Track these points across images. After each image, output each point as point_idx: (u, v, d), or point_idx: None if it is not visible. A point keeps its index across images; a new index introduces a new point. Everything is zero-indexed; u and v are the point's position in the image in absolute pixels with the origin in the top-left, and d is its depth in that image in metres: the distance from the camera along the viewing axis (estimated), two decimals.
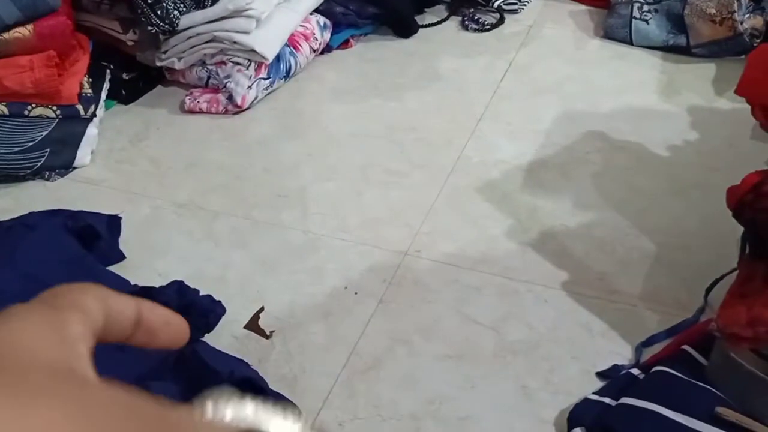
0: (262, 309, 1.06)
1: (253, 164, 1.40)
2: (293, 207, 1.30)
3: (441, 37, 1.80)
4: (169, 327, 0.25)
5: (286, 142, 1.47)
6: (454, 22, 1.88)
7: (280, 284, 1.12)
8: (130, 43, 1.45)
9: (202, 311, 0.98)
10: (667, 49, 1.68)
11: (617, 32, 1.73)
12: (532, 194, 1.31)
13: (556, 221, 1.24)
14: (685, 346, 0.93)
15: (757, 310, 0.84)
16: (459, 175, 1.37)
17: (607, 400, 0.87)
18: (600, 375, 0.94)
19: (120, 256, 1.13)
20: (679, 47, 1.67)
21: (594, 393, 0.89)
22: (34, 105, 1.31)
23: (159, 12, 1.37)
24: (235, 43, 1.42)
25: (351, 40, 1.75)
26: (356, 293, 1.10)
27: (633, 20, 1.71)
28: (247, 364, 0.93)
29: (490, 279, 1.13)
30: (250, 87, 1.46)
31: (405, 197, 1.31)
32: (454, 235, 1.22)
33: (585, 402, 0.87)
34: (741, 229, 0.94)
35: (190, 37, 1.43)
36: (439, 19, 1.86)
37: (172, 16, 1.39)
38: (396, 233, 1.22)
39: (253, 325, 1.04)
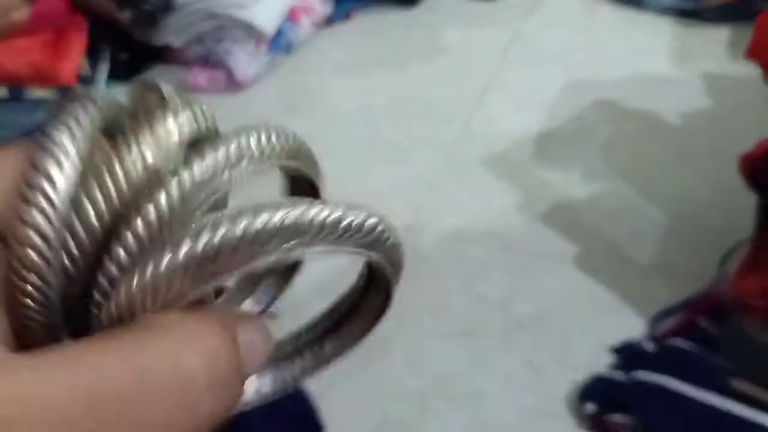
0: None
1: None
2: None
3: (445, 7, 1.75)
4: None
5: (289, 118, 1.45)
6: None
7: None
8: (126, 22, 1.42)
9: None
10: (678, 13, 1.63)
11: None
12: (539, 166, 1.28)
13: (564, 193, 1.21)
14: (698, 318, 0.91)
15: None
16: (464, 148, 1.34)
17: (619, 374, 0.86)
18: (614, 350, 0.92)
19: None
20: (691, 11, 1.62)
21: (606, 368, 0.88)
22: (33, 88, 1.29)
23: None
24: (233, 18, 1.39)
25: (352, 13, 1.71)
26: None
27: None
28: None
29: (497, 253, 1.11)
30: (250, 63, 1.43)
31: (409, 172, 1.29)
32: (460, 210, 1.20)
33: (597, 378, 0.86)
34: (755, 197, 0.91)
35: (187, 14, 1.40)
36: None
37: None
38: (400, 208, 1.20)
39: None
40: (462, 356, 0.95)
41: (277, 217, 0.15)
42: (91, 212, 0.14)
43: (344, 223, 0.16)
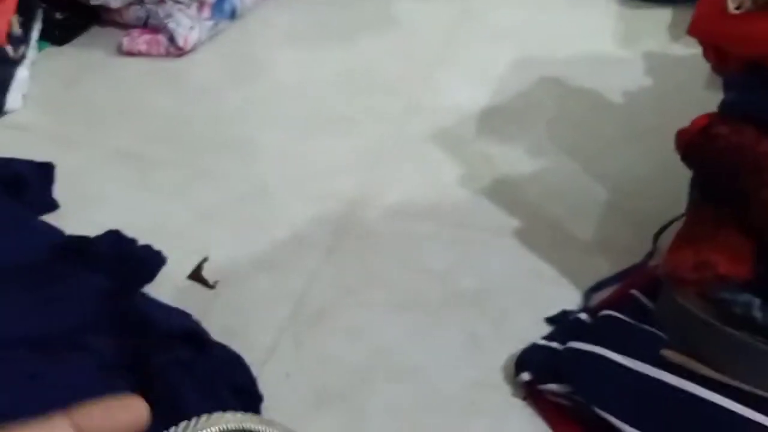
0: (205, 259, 1.02)
1: (195, 111, 1.34)
2: (238, 156, 1.24)
3: None
4: (116, 417, 0.23)
5: (232, 88, 1.41)
6: None
7: (223, 235, 1.08)
8: None
9: (139, 261, 0.94)
10: None
11: None
12: (485, 141, 1.28)
13: (509, 168, 1.21)
14: (633, 291, 0.93)
15: (703, 253, 0.83)
16: (412, 122, 1.33)
17: (554, 344, 0.86)
18: (549, 320, 0.93)
19: (52, 205, 1.07)
20: None
21: (542, 338, 0.88)
22: None
23: None
24: None
25: None
26: (303, 244, 1.06)
27: None
28: (188, 315, 0.89)
29: (441, 228, 1.11)
30: (192, 27, 1.38)
31: (355, 145, 1.27)
32: (406, 184, 1.19)
33: (533, 347, 0.87)
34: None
35: None
36: None
37: None
38: (345, 182, 1.19)
39: (196, 275, 1.00)
40: (403, 329, 0.95)
41: None
42: None
43: None
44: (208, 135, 1.30)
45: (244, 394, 0.81)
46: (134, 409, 0.24)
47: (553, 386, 0.79)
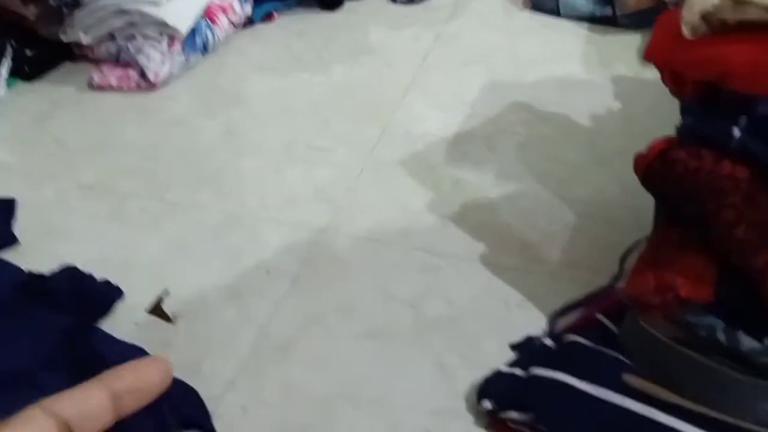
0: (166, 292, 1.02)
1: (168, 144, 1.34)
2: (210, 187, 1.24)
3: (368, 9, 1.75)
4: (146, 376, 0.25)
5: (204, 120, 1.41)
6: None
7: (191, 267, 1.08)
8: (32, 18, 1.36)
9: (96, 296, 0.93)
10: (594, 20, 1.67)
11: (545, 3, 1.71)
12: (456, 166, 1.28)
13: (479, 193, 1.22)
14: (598, 315, 0.92)
15: (666, 276, 0.83)
16: (384, 148, 1.33)
17: (517, 371, 0.86)
18: (513, 347, 0.92)
19: (11, 240, 1.06)
20: (606, 18, 1.66)
21: (506, 365, 0.88)
22: None
23: None
24: (144, 15, 1.35)
25: (274, 13, 1.69)
26: (269, 272, 1.06)
27: None
28: (143, 351, 0.88)
29: (411, 254, 1.11)
30: (163, 62, 1.39)
31: (327, 174, 1.27)
32: (376, 211, 1.19)
33: (496, 374, 0.86)
34: None
35: (96, 10, 1.35)
36: None
37: None
38: (316, 210, 1.19)
39: (156, 309, 0.99)
40: (369, 358, 0.94)
41: None
42: None
43: None
44: (180, 167, 1.30)
45: (197, 430, 0.79)
46: (161, 366, 0.25)
47: (514, 414, 0.78)
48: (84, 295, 0.93)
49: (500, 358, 0.91)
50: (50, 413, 0.22)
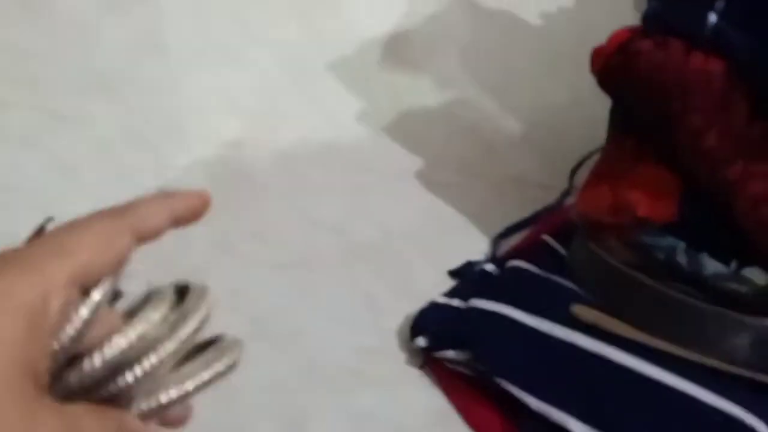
0: (50, 218, 0.86)
1: (58, 45, 1.15)
2: (106, 96, 1.06)
3: None
4: (177, 213, 0.28)
5: (104, 16, 1.21)
6: None
7: (81, 191, 0.92)
8: None
9: None
10: None
11: None
12: (391, 72, 1.14)
13: (415, 102, 1.08)
14: (545, 236, 0.82)
15: (622, 193, 0.73)
16: (310, 52, 1.17)
17: (456, 302, 0.75)
18: (452, 274, 0.82)
19: None
20: None
21: (442, 295, 0.77)
22: None
23: None
24: None
25: None
26: None
27: None
28: None
29: (338, 172, 0.98)
30: None
31: (243, 80, 1.11)
32: (299, 123, 1.04)
33: (432, 306, 0.75)
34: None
35: None
36: None
37: None
38: (230, 123, 1.03)
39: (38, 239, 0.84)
40: (288, 291, 0.82)
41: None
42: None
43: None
44: (70, 73, 1.11)
45: None
46: (194, 197, 0.26)
47: (451, 353, 0.68)
48: None
49: (436, 287, 0.81)
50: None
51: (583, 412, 0.61)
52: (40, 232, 0.84)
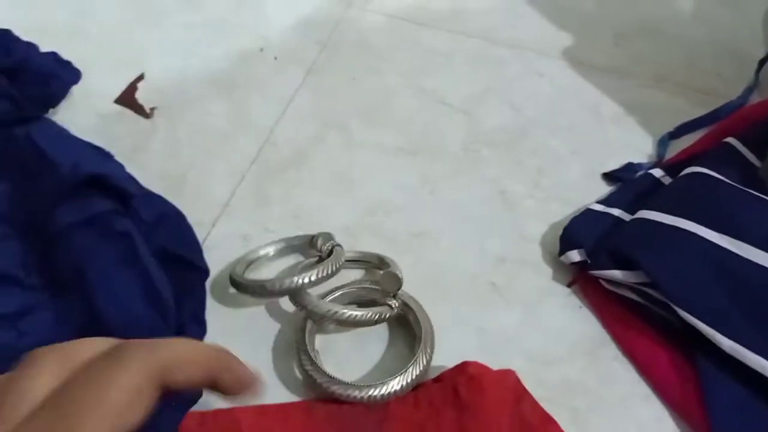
0: (141, 77, 0.75)
1: None
2: None
3: None
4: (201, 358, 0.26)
5: None
6: None
7: (165, 42, 0.80)
8: None
9: (40, 75, 0.67)
10: None
11: None
12: None
13: None
14: (728, 138, 0.66)
15: None
16: None
17: (617, 212, 0.62)
18: (608, 176, 0.68)
19: None
20: None
21: (598, 202, 0.64)
22: None
23: None
24: None
25: None
26: (276, 58, 0.79)
27: None
28: (106, 154, 0.64)
29: (464, 41, 0.82)
30: None
31: None
32: None
33: (586, 214, 0.62)
34: None
35: None
36: None
37: None
38: None
39: (127, 98, 0.73)
40: (407, 181, 0.70)
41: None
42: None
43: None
44: None
45: (183, 265, 0.58)
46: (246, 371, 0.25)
47: (615, 273, 0.55)
48: (24, 73, 0.67)
49: (587, 190, 0.67)
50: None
51: None
52: (131, 89, 0.71)
